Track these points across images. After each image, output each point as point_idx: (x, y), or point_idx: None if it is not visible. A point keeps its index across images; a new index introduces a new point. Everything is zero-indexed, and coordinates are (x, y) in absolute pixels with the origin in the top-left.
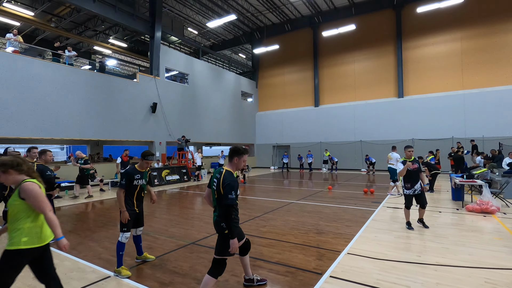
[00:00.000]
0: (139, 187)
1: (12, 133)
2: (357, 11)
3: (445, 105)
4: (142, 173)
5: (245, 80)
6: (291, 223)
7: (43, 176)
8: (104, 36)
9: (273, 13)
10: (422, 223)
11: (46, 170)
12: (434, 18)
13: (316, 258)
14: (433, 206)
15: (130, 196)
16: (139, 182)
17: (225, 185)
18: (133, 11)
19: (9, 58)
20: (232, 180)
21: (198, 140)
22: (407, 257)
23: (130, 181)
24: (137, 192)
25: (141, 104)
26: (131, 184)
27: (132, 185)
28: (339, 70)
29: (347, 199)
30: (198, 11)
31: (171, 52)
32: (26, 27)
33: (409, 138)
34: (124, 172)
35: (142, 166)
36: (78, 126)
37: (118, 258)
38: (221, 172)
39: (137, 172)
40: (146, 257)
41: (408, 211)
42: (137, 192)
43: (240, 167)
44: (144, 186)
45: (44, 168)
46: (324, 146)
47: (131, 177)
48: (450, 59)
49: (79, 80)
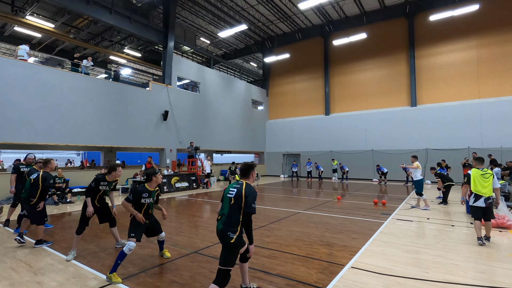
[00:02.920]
0: (146, 205)
1: (29, 139)
2: (368, 20)
3: (460, 115)
4: (150, 192)
5: (256, 89)
6: (296, 234)
7: (44, 183)
8: (120, 46)
9: (284, 22)
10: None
11: (50, 178)
12: (448, 26)
13: (318, 271)
14: (446, 220)
15: (138, 211)
16: (146, 201)
17: (248, 195)
18: (147, 22)
19: (29, 67)
20: (254, 191)
21: (209, 147)
22: (413, 273)
23: (138, 198)
24: (144, 209)
25: (153, 112)
26: (139, 202)
27: (140, 203)
28: (350, 79)
29: (356, 210)
30: (210, 21)
31: (183, 62)
32: (46, 38)
33: (423, 148)
34: (133, 189)
35: (151, 185)
36: (92, 133)
37: (114, 265)
38: (241, 184)
39: (146, 191)
40: (164, 253)
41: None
42: (144, 209)
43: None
44: (151, 205)
45: (48, 176)
46: (335, 155)
47: (139, 195)
48: (465, 68)
49: (94, 88)
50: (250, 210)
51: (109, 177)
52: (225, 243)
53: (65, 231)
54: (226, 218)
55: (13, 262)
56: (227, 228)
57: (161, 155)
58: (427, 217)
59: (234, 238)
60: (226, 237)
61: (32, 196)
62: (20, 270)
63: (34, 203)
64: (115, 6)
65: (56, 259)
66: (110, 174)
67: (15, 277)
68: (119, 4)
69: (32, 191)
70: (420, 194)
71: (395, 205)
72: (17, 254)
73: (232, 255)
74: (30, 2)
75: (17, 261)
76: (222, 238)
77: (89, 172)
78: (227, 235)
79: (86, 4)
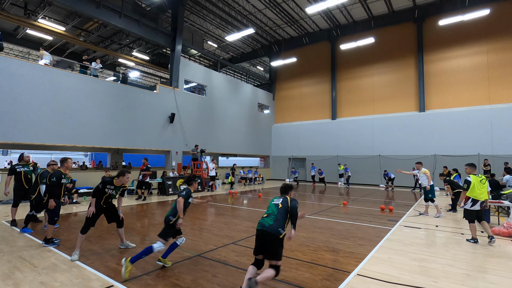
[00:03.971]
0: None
1: (37, 139)
2: (376, 24)
3: (470, 120)
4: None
5: (262, 92)
6: (300, 239)
7: (49, 181)
8: (128, 49)
9: (291, 27)
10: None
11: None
12: (457, 31)
13: (323, 277)
14: (456, 228)
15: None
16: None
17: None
18: (155, 26)
19: (40, 70)
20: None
21: (214, 150)
22: (422, 282)
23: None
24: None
25: (159, 114)
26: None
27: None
28: (357, 83)
29: (362, 215)
30: (218, 25)
31: (190, 65)
32: (57, 41)
33: (431, 154)
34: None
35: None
36: (99, 134)
37: (137, 256)
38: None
39: (112, 184)
40: (165, 262)
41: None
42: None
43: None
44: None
45: (59, 174)
46: (341, 160)
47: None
48: (475, 73)
49: (103, 90)
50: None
51: (116, 182)
52: (276, 239)
53: (70, 231)
54: (276, 217)
55: (17, 261)
56: (278, 224)
57: (167, 157)
58: (436, 224)
59: (283, 234)
60: (278, 233)
61: (44, 195)
62: (24, 270)
63: (45, 202)
64: (125, 10)
65: (60, 259)
66: (118, 179)
67: (19, 277)
68: (128, 7)
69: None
70: (431, 200)
71: (403, 212)
72: (22, 254)
73: (282, 247)
74: (42, 5)
75: (21, 261)
76: (275, 233)
77: (96, 173)
78: (278, 230)
79: (96, 8)
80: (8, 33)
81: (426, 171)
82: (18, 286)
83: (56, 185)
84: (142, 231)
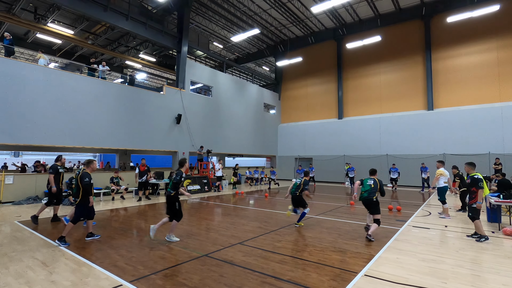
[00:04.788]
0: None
1: (46, 141)
2: (382, 23)
3: (480, 118)
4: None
5: (268, 92)
6: (307, 239)
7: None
8: (135, 51)
9: (297, 26)
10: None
11: (85, 176)
12: (466, 28)
13: (330, 278)
14: (466, 228)
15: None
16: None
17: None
18: (162, 28)
19: (50, 73)
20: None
21: (221, 151)
22: (431, 283)
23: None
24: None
25: (166, 116)
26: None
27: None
28: (364, 82)
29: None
30: (223, 26)
31: (196, 66)
32: (66, 44)
33: (440, 153)
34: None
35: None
36: (107, 136)
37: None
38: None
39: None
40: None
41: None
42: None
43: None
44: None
45: (84, 174)
46: (348, 159)
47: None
48: (485, 70)
49: (110, 92)
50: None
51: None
52: (372, 201)
53: (79, 230)
54: (371, 190)
55: (29, 260)
56: (372, 195)
57: (174, 158)
58: (445, 224)
59: (375, 198)
60: (373, 198)
61: (76, 195)
62: (36, 269)
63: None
64: (131, 13)
65: (71, 258)
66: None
67: (31, 275)
68: (135, 10)
69: (77, 191)
70: (443, 202)
71: (411, 212)
72: (35, 253)
73: (379, 205)
74: (51, 10)
75: (34, 260)
76: (370, 199)
77: (104, 174)
78: (372, 197)
79: (104, 11)
80: (19, 37)
81: (441, 172)
82: (30, 284)
83: (91, 185)
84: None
